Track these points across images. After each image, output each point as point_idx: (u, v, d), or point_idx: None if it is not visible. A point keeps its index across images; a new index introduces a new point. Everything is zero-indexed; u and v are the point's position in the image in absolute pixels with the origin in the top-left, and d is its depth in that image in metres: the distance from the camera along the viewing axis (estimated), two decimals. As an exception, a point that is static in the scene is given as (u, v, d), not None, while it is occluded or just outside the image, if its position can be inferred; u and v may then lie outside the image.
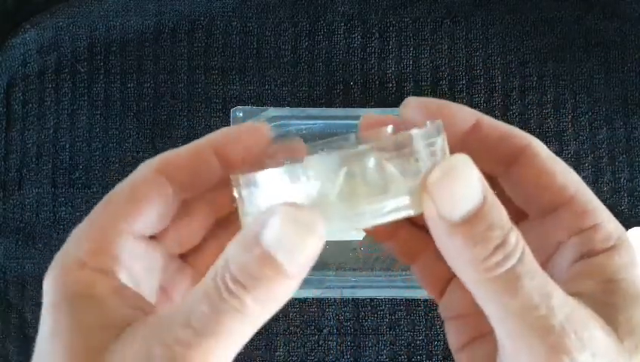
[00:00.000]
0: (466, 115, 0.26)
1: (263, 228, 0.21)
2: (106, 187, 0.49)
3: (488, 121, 0.26)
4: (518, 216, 0.27)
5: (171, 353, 0.21)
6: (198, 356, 0.21)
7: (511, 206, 0.26)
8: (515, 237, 0.22)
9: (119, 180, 0.53)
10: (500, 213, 0.22)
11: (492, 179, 0.26)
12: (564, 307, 0.21)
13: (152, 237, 0.27)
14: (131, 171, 0.53)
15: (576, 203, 0.24)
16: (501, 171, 0.26)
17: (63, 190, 0.49)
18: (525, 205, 0.26)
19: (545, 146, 0.26)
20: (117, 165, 0.49)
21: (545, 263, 0.25)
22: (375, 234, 0.28)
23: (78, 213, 0.49)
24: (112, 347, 0.22)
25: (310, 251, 0.21)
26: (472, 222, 0.21)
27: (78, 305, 0.23)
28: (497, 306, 0.22)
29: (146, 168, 0.26)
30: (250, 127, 0.27)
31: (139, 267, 0.25)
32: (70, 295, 0.23)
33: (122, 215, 0.25)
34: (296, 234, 0.21)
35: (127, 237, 0.25)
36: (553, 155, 0.26)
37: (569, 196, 0.25)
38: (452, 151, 0.24)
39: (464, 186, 0.21)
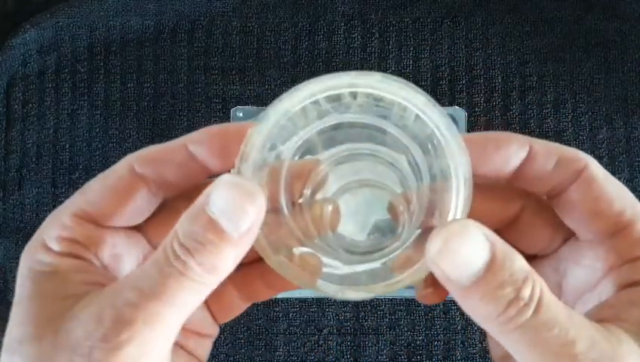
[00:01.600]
0: (514, 150, 0.25)
1: (208, 198, 0.23)
2: (106, 187, 0.49)
3: (542, 150, 0.25)
4: (569, 234, 0.26)
5: (118, 313, 0.22)
6: (143, 316, 0.22)
7: (562, 226, 0.26)
8: (530, 289, 0.21)
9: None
10: (511, 268, 0.22)
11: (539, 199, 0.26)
12: (591, 352, 0.21)
13: (135, 229, 0.28)
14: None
15: (632, 230, 0.24)
16: (554, 194, 0.26)
17: (63, 190, 0.49)
18: (578, 228, 0.26)
19: (601, 167, 0.25)
20: (117, 165, 0.49)
21: (594, 286, 0.25)
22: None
23: (78, 213, 0.49)
24: (69, 313, 0.23)
25: (251, 218, 0.22)
26: (480, 284, 0.21)
27: (40, 279, 0.25)
28: (520, 357, 0.22)
29: (122, 163, 0.27)
30: (228, 129, 0.27)
31: (106, 253, 0.26)
32: (33, 271, 0.26)
33: (86, 205, 0.26)
34: (238, 202, 0.22)
35: (93, 227, 0.26)
36: (609, 176, 0.25)
37: (625, 223, 0.24)
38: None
39: (467, 252, 0.21)
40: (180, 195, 0.28)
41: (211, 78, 0.50)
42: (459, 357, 0.47)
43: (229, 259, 0.23)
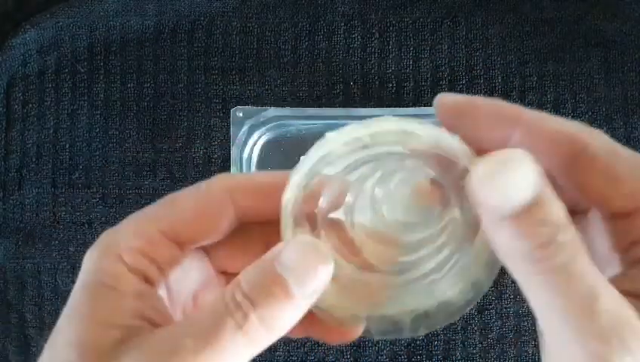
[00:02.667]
0: (503, 121, 0.24)
1: (280, 253, 0.23)
2: (106, 187, 0.49)
3: (534, 123, 0.24)
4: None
5: (168, 359, 0.21)
6: None
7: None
8: (570, 236, 0.21)
9: (119, 180, 0.54)
10: (553, 211, 0.21)
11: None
12: (612, 311, 0.21)
13: (201, 249, 0.27)
14: (131, 171, 0.53)
15: None
16: (557, 173, 0.24)
17: (63, 190, 0.49)
18: (592, 205, 0.25)
19: (607, 142, 0.23)
20: (117, 165, 0.49)
21: (615, 259, 0.24)
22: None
23: (77, 213, 0.49)
24: (114, 351, 0.22)
25: (319, 280, 0.22)
26: (522, 216, 0.21)
27: (97, 293, 0.24)
28: (540, 303, 0.21)
29: (218, 184, 0.26)
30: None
31: (175, 276, 0.26)
32: (97, 282, 0.24)
33: (178, 224, 0.25)
34: (309, 262, 0.22)
35: (174, 246, 0.25)
36: (617, 152, 0.23)
37: None
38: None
39: (515, 180, 0.20)
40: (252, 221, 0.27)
41: (211, 78, 0.50)
42: (459, 357, 0.47)
43: (288, 319, 0.23)
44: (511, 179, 0.21)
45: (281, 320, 0.22)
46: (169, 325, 0.24)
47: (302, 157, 0.25)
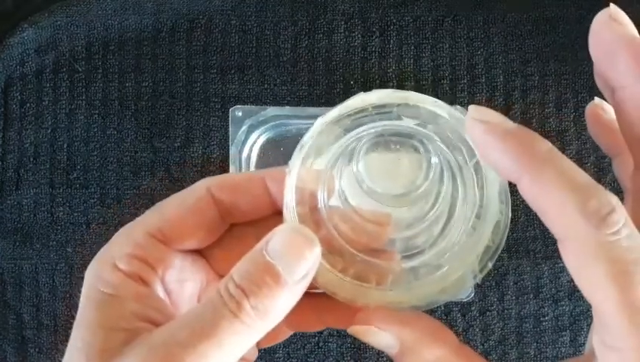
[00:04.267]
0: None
1: (267, 241, 0.23)
2: (104, 187, 0.49)
3: None
4: None
5: (167, 352, 0.22)
6: (193, 357, 0.22)
7: None
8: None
9: (117, 180, 0.53)
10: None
11: None
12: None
13: (197, 253, 0.28)
14: (129, 171, 0.53)
15: None
16: None
17: (61, 190, 0.49)
18: None
19: None
20: (115, 165, 0.49)
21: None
22: None
23: (75, 214, 0.49)
24: (119, 352, 0.23)
25: (308, 264, 0.23)
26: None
27: (99, 303, 0.25)
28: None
29: (200, 185, 0.27)
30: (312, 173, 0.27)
31: (173, 278, 0.27)
32: (96, 291, 0.25)
33: (163, 224, 0.26)
34: (296, 248, 0.23)
35: (165, 249, 0.26)
36: None
37: None
38: None
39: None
40: (244, 224, 0.28)
41: (210, 77, 0.50)
42: (460, 359, 0.47)
43: (282, 305, 0.23)
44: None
45: (276, 307, 0.23)
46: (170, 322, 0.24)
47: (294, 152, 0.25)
